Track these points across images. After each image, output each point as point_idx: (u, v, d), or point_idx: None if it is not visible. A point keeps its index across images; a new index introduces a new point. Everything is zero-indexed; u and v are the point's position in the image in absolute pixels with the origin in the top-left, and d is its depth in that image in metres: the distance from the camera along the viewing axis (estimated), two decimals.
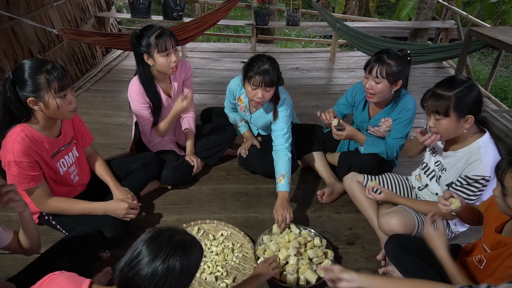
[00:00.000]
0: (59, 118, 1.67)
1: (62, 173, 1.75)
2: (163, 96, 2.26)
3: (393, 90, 1.98)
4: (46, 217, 1.82)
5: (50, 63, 1.54)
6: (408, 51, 1.99)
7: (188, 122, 2.43)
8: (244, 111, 2.40)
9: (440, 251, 1.38)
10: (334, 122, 2.07)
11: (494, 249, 1.32)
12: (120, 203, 1.80)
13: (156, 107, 2.22)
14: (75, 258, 1.51)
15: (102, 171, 1.97)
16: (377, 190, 1.88)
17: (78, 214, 1.77)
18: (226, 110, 2.55)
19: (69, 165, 1.80)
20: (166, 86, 2.29)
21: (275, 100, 2.17)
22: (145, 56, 2.08)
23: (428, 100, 1.59)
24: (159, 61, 2.07)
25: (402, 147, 2.11)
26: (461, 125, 1.57)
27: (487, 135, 1.62)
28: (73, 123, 1.85)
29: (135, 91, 2.17)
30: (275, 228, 1.91)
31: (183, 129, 2.44)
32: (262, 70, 2.00)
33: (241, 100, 2.37)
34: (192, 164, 2.31)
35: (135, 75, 2.22)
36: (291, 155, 2.15)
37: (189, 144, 2.39)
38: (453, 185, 1.66)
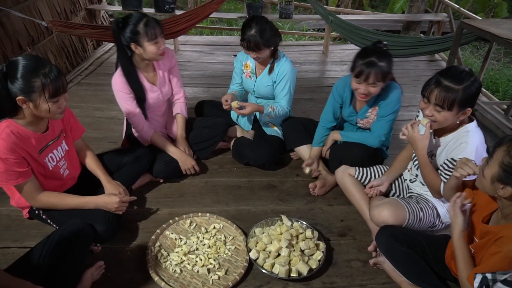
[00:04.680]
0: (46, 118, 1.64)
1: (51, 168, 1.73)
2: (148, 85, 2.24)
3: (384, 85, 2.01)
4: (37, 212, 1.81)
5: (48, 65, 1.50)
6: (385, 42, 2.00)
7: (180, 107, 2.42)
8: (250, 76, 2.47)
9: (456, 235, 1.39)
10: (307, 170, 2.26)
11: (481, 239, 1.34)
12: (111, 197, 1.79)
13: (140, 96, 2.20)
14: (65, 252, 1.51)
15: (93, 164, 1.95)
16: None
17: (69, 208, 1.75)
18: (229, 88, 2.64)
19: (58, 159, 1.78)
20: (149, 75, 2.26)
21: (273, 56, 2.36)
22: (133, 45, 2.05)
23: (434, 91, 1.55)
24: (149, 49, 2.05)
25: (389, 131, 2.14)
26: (458, 117, 1.59)
27: (475, 122, 1.65)
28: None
29: (118, 82, 2.15)
30: (234, 104, 2.29)
31: (174, 114, 2.43)
32: (247, 37, 2.18)
33: (247, 66, 2.47)
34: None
35: (116, 67, 2.18)
36: (288, 114, 2.45)
37: (179, 129, 2.38)
38: (440, 167, 1.68)
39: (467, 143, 1.57)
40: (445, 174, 1.65)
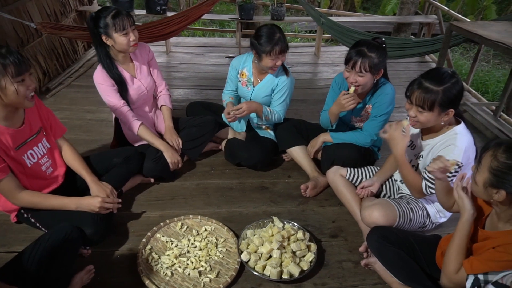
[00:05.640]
0: (18, 106, 1.60)
1: (29, 165, 1.70)
2: (127, 75, 2.25)
3: (375, 79, 2.03)
4: (25, 215, 1.79)
5: (4, 47, 1.49)
6: (383, 39, 2.03)
7: (164, 99, 2.44)
8: (247, 85, 2.44)
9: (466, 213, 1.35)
10: (352, 88, 2.03)
11: (476, 242, 1.35)
12: (94, 198, 1.77)
13: (121, 86, 2.21)
14: (54, 256, 1.48)
15: (77, 165, 1.91)
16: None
17: (51, 208, 1.73)
18: (224, 92, 2.59)
19: (39, 156, 1.75)
20: (128, 66, 2.27)
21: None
22: (104, 37, 2.07)
23: (415, 92, 1.59)
24: (118, 40, 2.07)
25: (380, 129, 2.14)
26: (441, 118, 1.61)
27: (463, 124, 1.66)
28: (40, 113, 1.79)
29: (99, 75, 2.17)
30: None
31: (159, 106, 2.45)
32: (277, 40, 2.16)
33: (243, 75, 2.44)
34: (171, 144, 2.32)
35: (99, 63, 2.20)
36: (282, 118, 2.44)
37: (166, 119, 2.40)
38: (425, 168, 1.69)
39: (455, 145, 1.59)
40: (431, 176, 1.66)
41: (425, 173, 1.69)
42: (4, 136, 1.59)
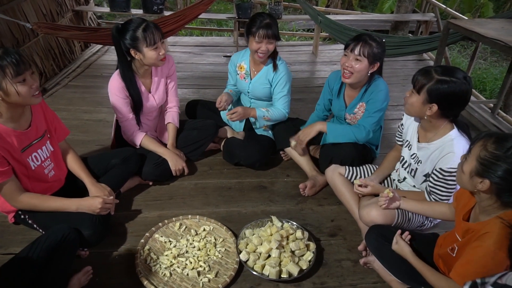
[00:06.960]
0: (23, 104, 1.58)
1: (33, 168, 1.69)
2: (142, 88, 2.23)
3: (369, 72, 2.03)
4: (22, 216, 1.78)
5: (1, 48, 1.48)
6: (384, 40, 2.06)
7: (172, 116, 2.40)
8: (244, 78, 2.44)
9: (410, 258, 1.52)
10: (293, 143, 2.28)
11: (464, 237, 1.35)
12: (95, 199, 1.77)
13: (137, 103, 2.19)
14: (51, 258, 1.48)
15: (76, 167, 1.92)
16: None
17: (51, 210, 1.72)
18: (226, 88, 2.63)
19: (43, 159, 1.75)
20: (146, 81, 2.25)
21: (274, 55, 2.34)
22: (132, 51, 2.04)
23: (418, 72, 1.63)
24: (148, 54, 2.03)
25: (377, 128, 2.16)
26: (424, 109, 1.61)
27: (456, 129, 1.65)
28: (46, 116, 1.79)
29: (115, 85, 2.13)
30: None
31: (166, 122, 2.41)
32: (264, 24, 2.17)
33: (241, 68, 2.44)
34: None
35: (116, 69, 2.16)
36: (286, 116, 2.43)
37: (170, 138, 2.37)
38: (430, 178, 1.69)
39: (454, 152, 1.59)
40: (434, 183, 1.67)
41: (430, 183, 1.70)
42: (10, 138, 1.58)
